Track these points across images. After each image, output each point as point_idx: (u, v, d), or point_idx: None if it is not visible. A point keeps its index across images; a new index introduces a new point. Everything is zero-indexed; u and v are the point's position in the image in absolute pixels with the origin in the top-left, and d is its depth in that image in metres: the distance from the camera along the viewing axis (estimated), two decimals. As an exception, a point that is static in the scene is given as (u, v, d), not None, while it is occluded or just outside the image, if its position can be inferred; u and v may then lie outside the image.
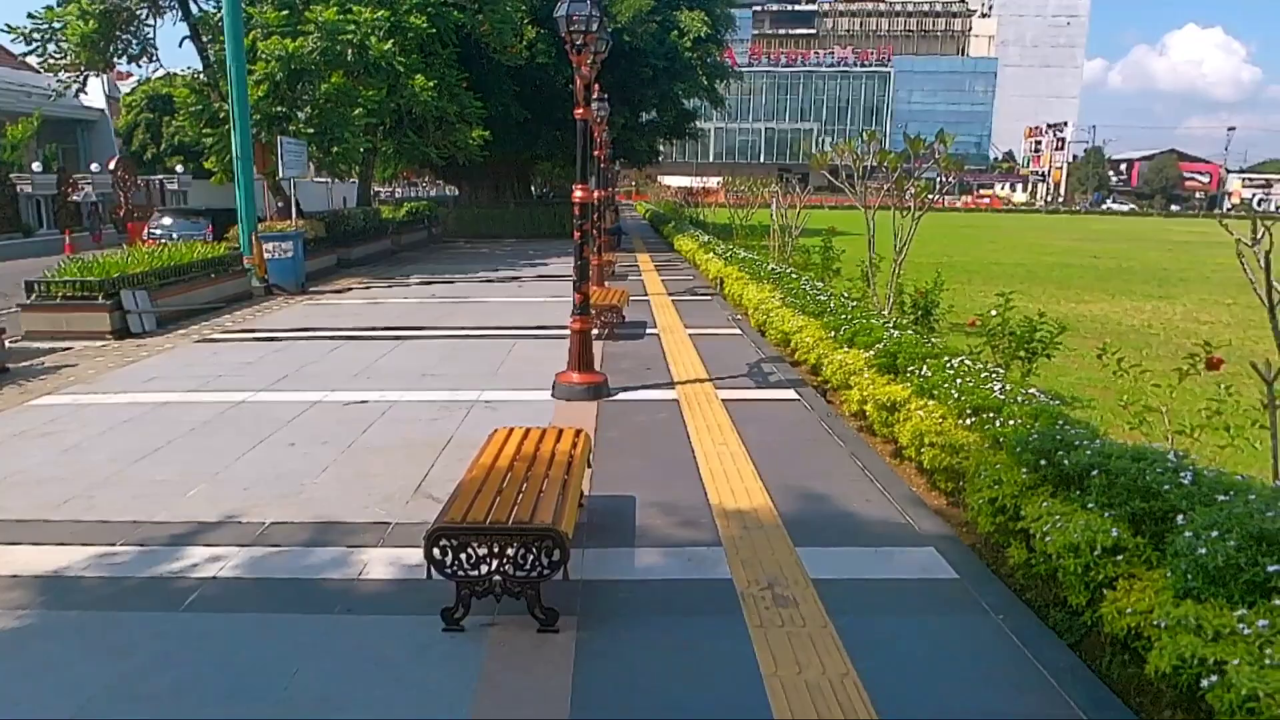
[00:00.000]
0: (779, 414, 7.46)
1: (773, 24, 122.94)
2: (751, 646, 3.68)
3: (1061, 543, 3.66)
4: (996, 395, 5.12)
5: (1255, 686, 2.61)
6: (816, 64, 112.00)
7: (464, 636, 3.79)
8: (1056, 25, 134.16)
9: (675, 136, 43.31)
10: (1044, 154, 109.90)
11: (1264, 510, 3.07)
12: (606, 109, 16.56)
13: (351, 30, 18.23)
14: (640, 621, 3.95)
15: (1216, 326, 13.21)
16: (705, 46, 33.32)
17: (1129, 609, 3.28)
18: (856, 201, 10.58)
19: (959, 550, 4.66)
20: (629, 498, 5.43)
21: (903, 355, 6.41)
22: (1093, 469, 3.81)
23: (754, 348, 10.44)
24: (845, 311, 8.47)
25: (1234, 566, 2.95)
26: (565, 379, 8.12)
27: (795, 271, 12.80)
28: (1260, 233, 4.39)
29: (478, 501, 4.03)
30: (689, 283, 17.70)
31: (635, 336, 11.27)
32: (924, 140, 10.44)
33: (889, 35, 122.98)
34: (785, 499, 5.35)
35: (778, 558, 4.53)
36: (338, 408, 7.71)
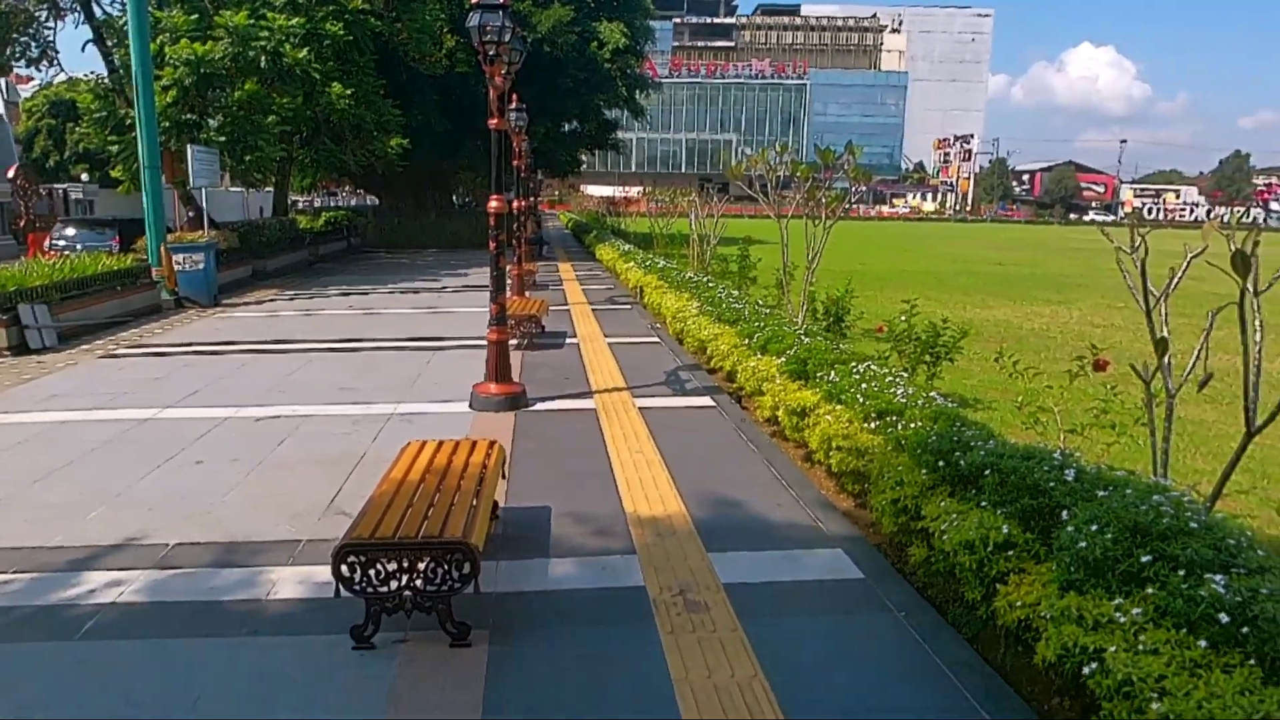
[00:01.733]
0: (695, 421, 7.53)
1: (692, 36, 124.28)
2: (663, 653, 3.70)
3: (958, 540, 3.78)
4: (899, 399, 5.26)
5: (1130, 672, 2.73)
6: (736, 76, 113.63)
7: (374, 654, 3.72)
8: (962, 42, 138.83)
9: (597, 146, 43.40)
10: (952, 165, 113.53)
11: (1139, 504, 3.22)
12: (525, 119, 16.50)
13: (264, 37, 17.77)
14: (553, 632, 3.93)
15: (1109, 330, 13.82)
16: (625, 58, 33.48)
17: (1019, 602, 3.40)
18: (770, 211, 10.75)
19: (865, 550, 4.77)
20: (544, 508, 5.40)
21: (812, 361, 6.53)
22: (986, 468, 3.95)
23: (672, 356, 10.51)
24: (759, 319, 8.60)
25: (1112, 558, 3.09)
26: (483, 390, 8.05)
27: (712, 280, 12.95)
28: (1137, 241, 4.61)
29: (387, 516, 3.96)
30: (609, 292, 17.73)
31: (555, 346, 11.24)
32: (834, 152, 10.67)
33: (805, 49, 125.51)
34: (699, 505, 5.40)
35: (690, 564, 4.56)
36: (249, 424, 7.48)
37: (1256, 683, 2.54)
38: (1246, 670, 2.59)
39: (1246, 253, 3.98)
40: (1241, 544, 3.10)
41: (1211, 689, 2.56)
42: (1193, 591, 2.85)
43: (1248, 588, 2.75)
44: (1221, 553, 3.02)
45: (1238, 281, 3.98)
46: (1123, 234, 4.75)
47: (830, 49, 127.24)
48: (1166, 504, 3.24)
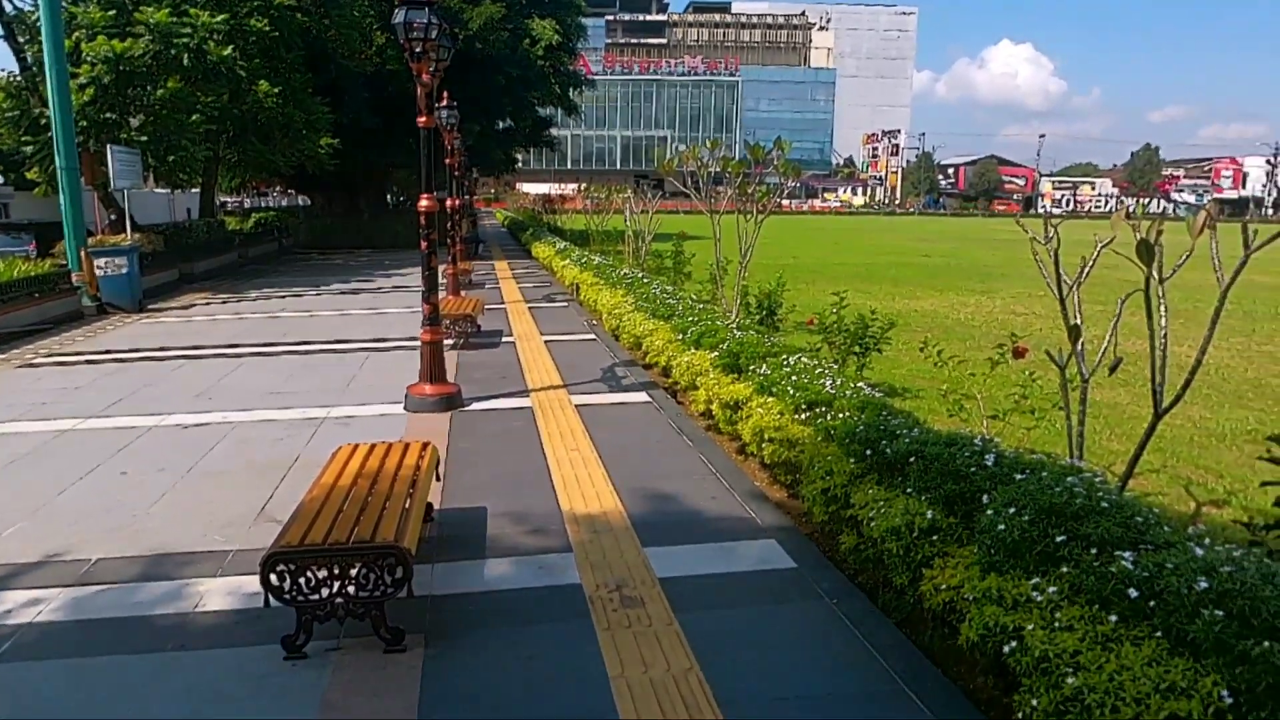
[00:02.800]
0: (631, 417, 7.53)
1: (625, 33, 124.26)
2: (599, 649, 3.69)
3: (885, 527, 3.84)
4: (828, 390, 5.33)
5: (1047, 649, 2.81)
6: (669, 73, 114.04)
7: (307, 664, 3.63)
8: (888, 39, 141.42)
9: (532, 144, 43.14)
10: (880, 159, 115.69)
11: (1054, 486, 3.32)
12: (457, 117, 16.31)
13: (187, 33, 17.21)
14: (489, 634, 3.89)
15: (1029, 318, 14.22)
16: (557, 55, 33.34)
17: (944, 585, 3.48)
18: (702, 207, 10.79)
19: (797, 540, 4.82)
20: (480, 509, 5.35)
21: (745, 355, 6.58)
22: (911, 456, 4.02)
23: (608, 352, 10.50)
24: (693, 314, 8.64)
25: (1029, 539, 3.17)
26: (418, 391, 7.93)
27: (647, 276, 12.97)
28: (1050, 232, 4.74)
29: (317, 523, 3.88)
30: (546, 289, 17.64)
31: (491, 345, 11.14)
32: (764, 148, 10.76)
33: (736, 46, 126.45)
34: (635, 501, 5.40)
35: (626, 559, 4.56)
36: (176, 431, 7.25)
37: (1163, 654, 2.63)
38: (1154, 642, 2.68)
39: (1150, 242, 4.13)
40: (1150, 521, 3.21)
41: (1122, 661, 2.65)
42: (1104, 569, 2.94)
43: (1154, 563, 2.85)
44: (1131, 530, 3.12)
45: (1142, 269, 4.13)
46: (1037, 225, 4.88)
47: (761, 46, 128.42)
48: (1080, 485, 3.34)
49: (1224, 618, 2.54)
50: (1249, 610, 2.53)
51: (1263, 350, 12.06)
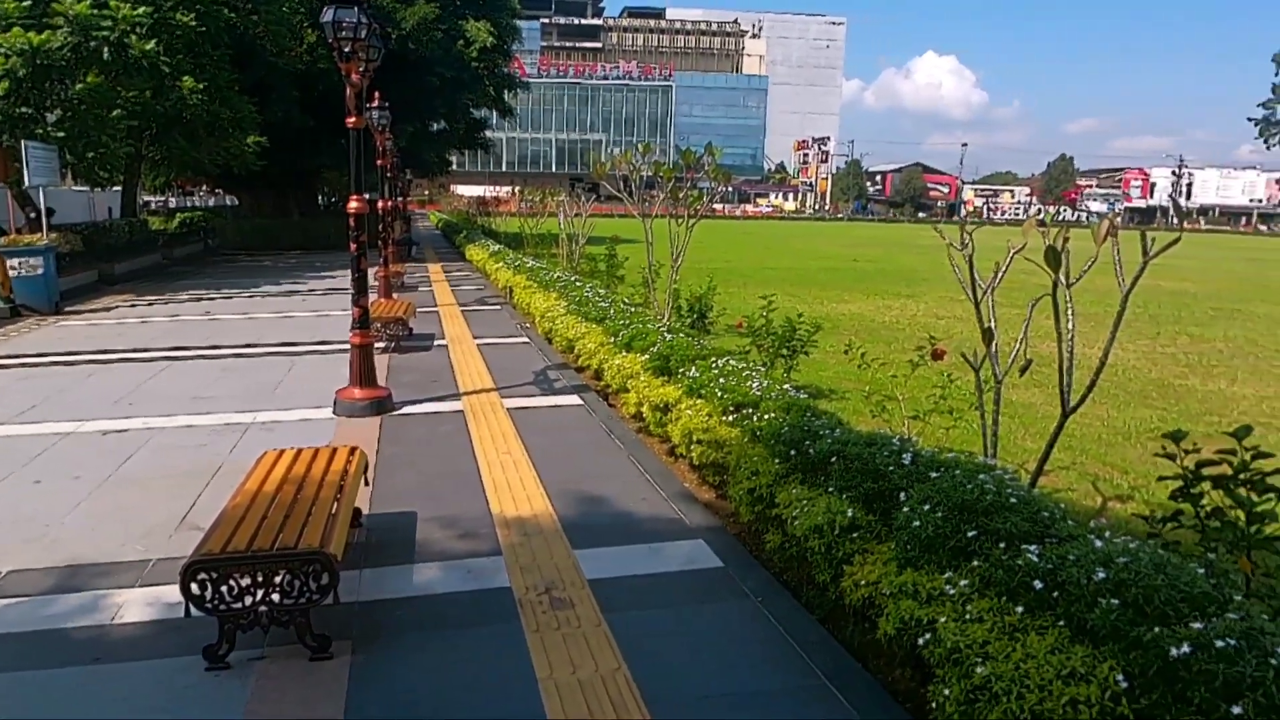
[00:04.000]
0: (562, 420, 7.52)
1: (560, 37, 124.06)
2: (528, 651, 3.68)
3: (808, 525, 3.92)
4: (755, 392, 5.41)
5: (958, 640, 2.90)
6: (604, 77, 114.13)
7: (230, 674, 3.54)
8: (818, 48, 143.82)
9: (466, 146, 42.73)
10: (811, 166, 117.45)
11: (966, 483, 3.43)
12: (388, 117, 16.06)
13: (108, 26, 16.57)
14: (418, 639, 3.85)
15: (951, 321, 14.61)
16: (492, 57, 33.05)
17: (863, 581, 3.56)
18: (635, 211, 10.84)
19: (725, 540, 4.88)
20: (410, 513, 5.28)
21: (675, 357, 6.64)
22: (833, 455, 4.11)
23: (541, 355, 10.47)
24: (624, 317, 8.67)
25: (942, 535, 3.27)
26: (347, 395, 7.80)
27: (580, 279, 12.96)
28: (965, 239, 4.89)
29: (240, 529, 3.79)
30: (479, 292, 17.49)
31: (423, 348, 11.00)
32: (695, 153, 10.85)
33: (670, 52, 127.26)
34: (565, 503, 5.40)
35: (556, 561, 4.56)
36: (94, 438, 6.99)
37: (1065, 642, 2.74)
38: (1057, 631, 2.79)
39: (1057, 249, 4.30)
40: (1055, 515, 3.34)
41: (1027, 650, 2.75)
42: (1012, 562, 3.05)
43: (1058, 555, 2.97)
44: (1037, 525, 3.25)
45: (1050, 274, 4.29)
46: (954, 231, 5.03)
47: (694, 52, 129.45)
48: (990, 482, 3.46)
49: (1120, 606, 2.66)
50: (1142, 598, 2.66)
51: (1166, 352, 12.61)
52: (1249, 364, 11.88)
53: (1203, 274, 28.94)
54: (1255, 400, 9.55)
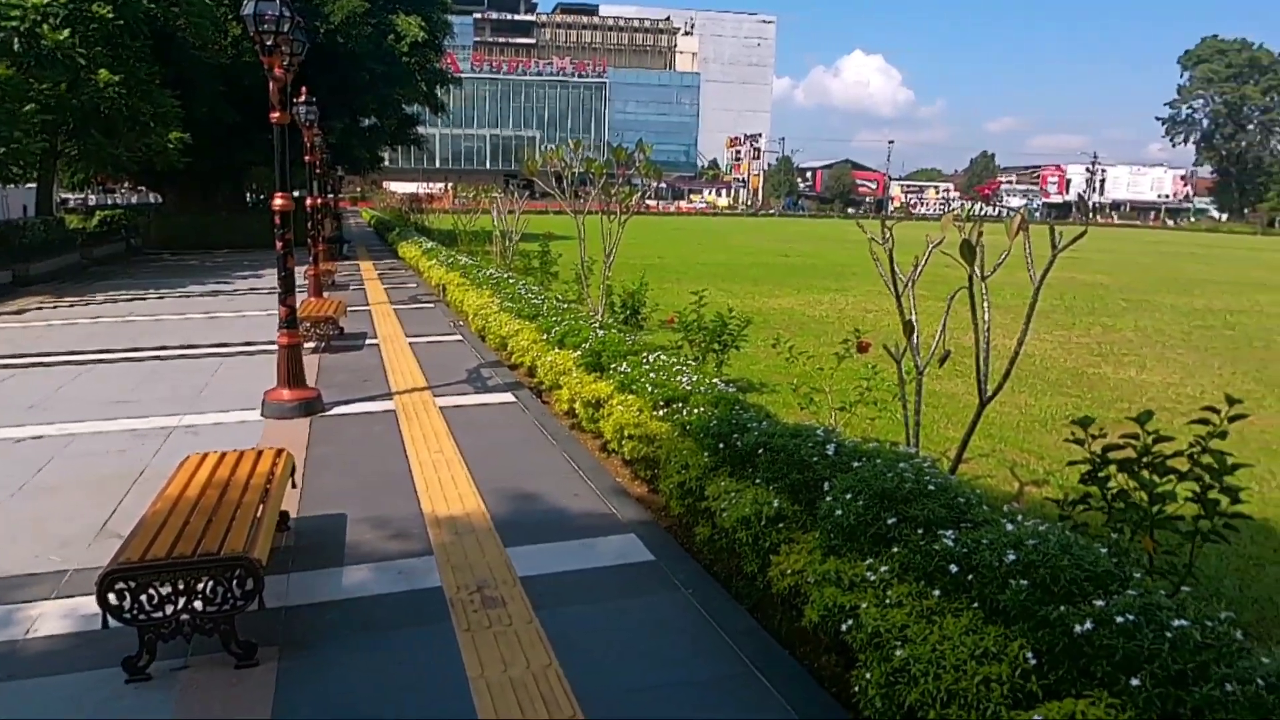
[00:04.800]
0: (496, 418, 7.47)
1: (493, 32, 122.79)
2: (459, 651, 3.65)
3: (736, 516, 3.96)
4: (685, 387, 5.45)
5: (879, 625, 2.97)
6: (537, 73, 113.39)
7: (151, 685, 3.43)
8: (749, 46, 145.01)
9: (398, 142, 42.03)
10: (743, 162, 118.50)
11: (886, 472, 3.51)
12: (315, 113, 15.71)
13: (17, 16, 15.85)
14: (347, 642, 3.78)
15: (879, 314, 14.89)
16: (424, 52, 32.55)
17: (789, 570, 3.62)
18: (567, 207, 10.80)
19: (656, 534, 4.91)
20: (340, 515, 5.19)
21: (607, 354, 6.64)
22: (760, 448, 4.17)
23: (474, 353, 10.37)
24: (557, 314, 8.65)
25: (863, 523, 3.35)
26: (275, 397, 7.61)
27: (514, 276, 12.87)
28: (886, 234, 4.99)
29: (161, 536, 3.68)
30: (412, 290, 17.25)
31: (354, 348, 10.80)
32: (626, 150, 10.85)
33: (603, 48, 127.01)
34: (498, 501, 5.36)
35: (488, 560, 4.53)
36: (7, 446, 6.69)
37: (979, 623, 2.83)
38: (971, 613, 2.87)
39: (972, 243, 4.42)
40: (971, 501, 3.44)
41: (943, 632, 2.83)
42: (929, 547, 3.13)
43: (972, 540, 3.06)
44: (953, 510, 3.34)
45: (965, 268, 4.41)
46: (876, 226, 5.13)
47: (627, 49, 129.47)
48: (910, 470, 3.54)
49: (1029, 586, 2.76)
50: (1049, 579, 2.76)
51: (1081, 342, 13.07)
52: (1156, 352, 12.40)
53: (1115, 267, 30.07)
54: (1162, 386, 9.96)
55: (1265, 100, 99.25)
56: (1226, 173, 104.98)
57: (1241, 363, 11.80)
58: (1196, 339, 13.87)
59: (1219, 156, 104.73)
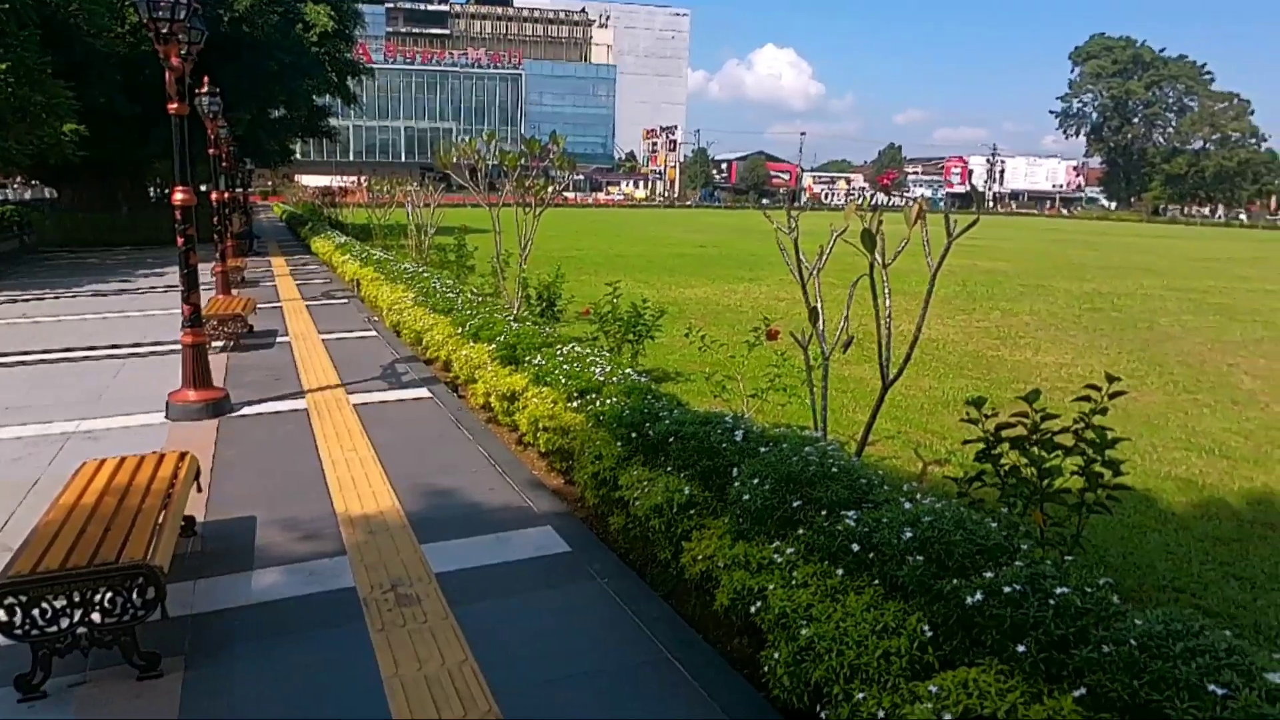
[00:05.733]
0: (411, 413, 7.33)
1: (406, 22, 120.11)
2: (373, 651, 3.58)
3: (648, 505, 3.98)
4: (598, 378, 5.45)
5: (785, 605, 3.03)
6: (452, 64, 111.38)
7: (47, 703, 3.27)
8: (664, 39, 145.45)
9: (310, 134, 40.74)
10: (660, 154, 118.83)
11: (792, 456, 3.57)
12: (219, 104, 15.06)
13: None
14: (257, 648, 3.67)
15: (791, 303, 15.11)
16: (333, 42, 31.61)
17: (701, 556, 3.65)
18: (481, 200, 10.66)
19: (573, 525, 4.90)
20: (249, 518, 5.02)
21: (521, 346, 6.59)
22: (671, 436, 4.19)
23: (389, 349, 10.15)
24: (472, 307, 8.53)
25: (770, 507, 3.40)
26: (180, 398, 7.32)
27: (429, 270, 12.65)
28: (792, 224, 5.08)
29: (54, 547, 3.50)
30: (325, 286, 16.80)
31: (265, 346, 10.46)
32: (539, 141, 10.75)
33: (519, 40, 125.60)
34: (413, 498, 5.27)
35: (403, 558, 4.45)
36: (-116, 457, 6.27)
37: (879, 599, 2.91)
38: (872, 590, 2.95)
39: (872, 231, 4.52)
40: (872, 482, 3.53)
41: (846, 609, 2.90)
42: (833, 528, 3.20)
43: (873, 519, 3.14)
44: (856, 491, 3.42)
45: (866, 256, 4.51)
46: (782, 216, 5.20)
47: (543, 41, 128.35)
48: (815, 454, 3.62)
49: (925, 562, 2.85)
50: (944, 554, 2.85)
51: (981, 326, 13.55)
52: (1050, 335, 12.94)
53: (1013, 254, 31.26)
54: (1055, 367, 10.40)
55: (1148, 95, 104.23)
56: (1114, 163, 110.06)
57: (1127, 343, 12.42)
58: (1087, 321, 14.52)
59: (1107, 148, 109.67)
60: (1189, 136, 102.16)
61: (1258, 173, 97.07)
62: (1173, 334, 13.42)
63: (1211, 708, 2.12)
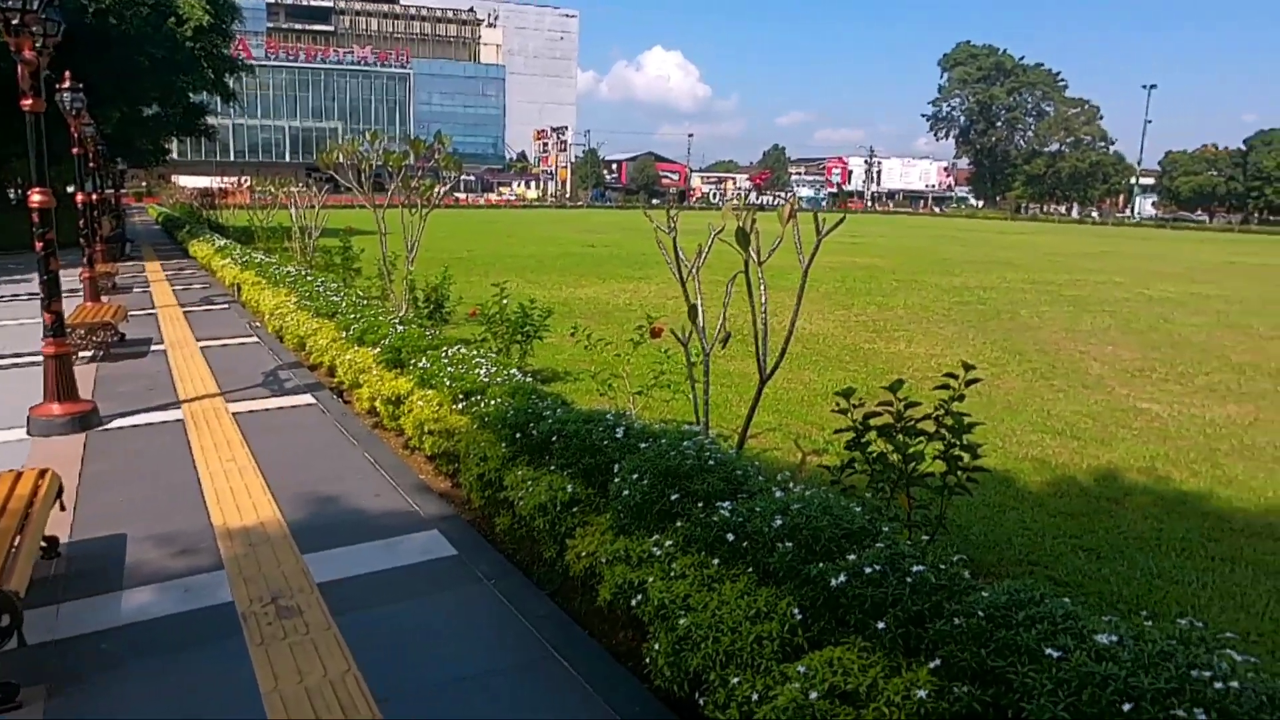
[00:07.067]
0: (294, 421, 7.08)
1: (289, 18, 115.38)
2: (252, 667, 3.45)
3: (533, 504, 3.97)
4: (483, 379, 5.39)
5: (664, 597, 3.07)
6: (338, 62, 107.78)
7: (-113, 743, 3.03)
8: (553, 39, 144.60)
9: (186, 133, 38.90)
10: (551, 155, 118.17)
11: (670, 451, 3.63)
12: (82, 100, 14.13)
13: None
14: (127, 671, 3.48)
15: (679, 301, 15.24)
16: (209, 37, 30.11)
17: (584, 552, 3.67)
18: (365, 201, 10.38)
19: (460, 528, 4.84)
20: (119, 536, 4.75)
21: (406, 349, 6.45)
22: (553, 435, 4.19)
23: (272, 355, 9.77)
24: (356, 310, 8.30)
25: (649, 501, 3.45)
26: (43, 412, 6.86)
27: (314, 274, 12.23)
28: (671, 223, 5.14)
29: (-111, 578, 3.23)
30: (204, 291, 16.02)
31: (138, 355, 9.90)
32: (425, 141, 10.54)
33: (406, 38, 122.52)
34: (295, 507, 5.10)
35: (284, 569, 4.30)
36: None
37: (753, 586, 2.99)
38: (746, 577, 3.03)
39: (746, 230, 4.63)
40: (748, 473, 3.62)
41: (722, 598, 2.97)
42: (709, 519, 3.27)
43: (747, 509, 3.22)
44: (731, 483, 3.51)
45: (740, 253, 4.62)
46: (662, 215, 5.25)
47: (431, 39, 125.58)
48: (692, 448, 3.68)
49: (794, 548, 2.94)
50: (812, 539, 2.95)
51: (859, 320, 14.05)
52: (922, 327, 13.53)
53: (889, 251, 32.52)
54: (926, 358, 10.89)
55: (1010, 100, 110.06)
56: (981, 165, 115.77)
57: (991, 333, 13.10)
58: (955, 314, 15.25)
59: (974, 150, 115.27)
60: (1046, 139, 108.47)
61: (1107, 173, 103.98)
62: (1031, 324, 14.24)
63: (1048, 669, 2.27)
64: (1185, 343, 12.77)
